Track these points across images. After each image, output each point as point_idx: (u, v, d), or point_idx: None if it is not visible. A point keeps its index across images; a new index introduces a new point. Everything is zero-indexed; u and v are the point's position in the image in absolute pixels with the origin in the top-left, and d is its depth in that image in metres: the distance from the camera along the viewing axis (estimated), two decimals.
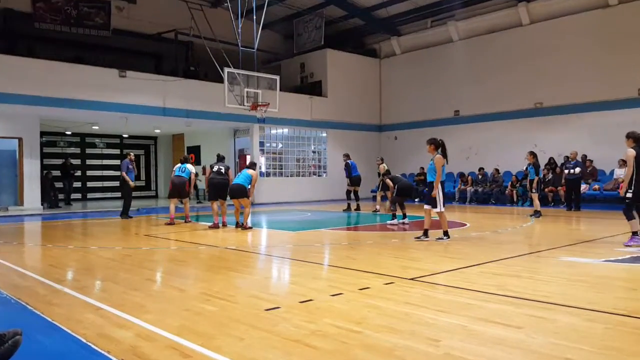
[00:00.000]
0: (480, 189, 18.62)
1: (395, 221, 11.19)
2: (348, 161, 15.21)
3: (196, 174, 12.35)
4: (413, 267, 6.17)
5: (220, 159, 11.52)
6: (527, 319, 3.92)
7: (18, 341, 2.93)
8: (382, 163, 13.87)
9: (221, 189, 10.97)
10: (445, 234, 8.43)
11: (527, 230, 10.28)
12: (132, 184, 13.15)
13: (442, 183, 8.45)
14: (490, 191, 18.31)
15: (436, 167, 8.32)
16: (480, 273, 5.75)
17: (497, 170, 18.64)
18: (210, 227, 10.91)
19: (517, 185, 17.44)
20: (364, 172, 15.89)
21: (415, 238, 8.50)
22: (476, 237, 9.05)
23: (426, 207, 8.56)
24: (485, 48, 19.86)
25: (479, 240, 8.67)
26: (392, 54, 23.42)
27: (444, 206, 8.43)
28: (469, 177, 19.30)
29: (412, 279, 5.37)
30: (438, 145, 8.42)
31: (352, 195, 15.35)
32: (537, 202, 12.64)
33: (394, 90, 23.40)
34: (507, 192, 17.71)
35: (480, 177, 18.95)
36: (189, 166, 12.04)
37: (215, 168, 11.13)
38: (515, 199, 17.39)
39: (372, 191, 19.99)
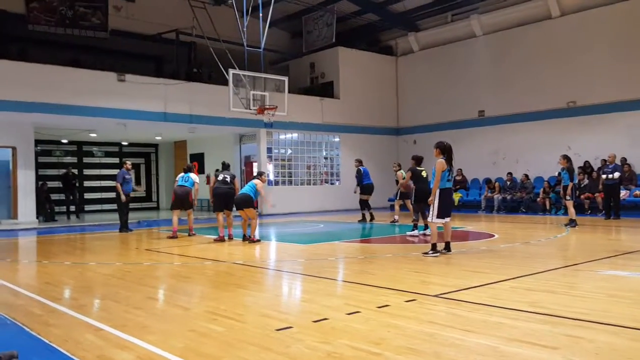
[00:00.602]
0: (508, 196, 18.48)
1: (416, 232, 11.13)
2: (360, 167, 15.19)
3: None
4: (436, 283, 6.13)
5: (226, 167, 11.57)
6: (563, 339, 3.87)
7: None
8: (400, 169, 13.81)
9: (227, 199, 11.04)
10: (434, 248, 8.12)
11: (561, 242, 10.17)
12: (123, 197, 13.19)
13: (446, 190, 8.26)
14: (520, 199, 18.16)
15: (436, 172, 8.18)
16: (511, 289, 5.70)
17: (526, 175, 18.49)
18: (215, 241, 10.96)
19: (550, 191, 17.28)
20: (380, 180, 15.87)
21: (430, 252, 8.31)
22: (506, 249, 8.97)
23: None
24: (511, 43, 19.79)
25: (509, 253, 8.60)
26: (410, 51, 23.43)
27: (447, 217, 8.23)
28: (496, 184, 19.18)
29: (435, 296, 5.34)
30: (444, 150, 8.29)
31: (366, 205, 15.25)
32: (572, 210, 12.50)
33: (412, 90, 23.39)
34: (538, 199, 17.55)
35: (508, 183, 18.81)
36: (193, 175, 12.13)
37: (221, 177, 11.18)
38: (547, 207, 17.22)
39: (390, 200, 19.94)
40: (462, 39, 21.31)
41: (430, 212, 8.22)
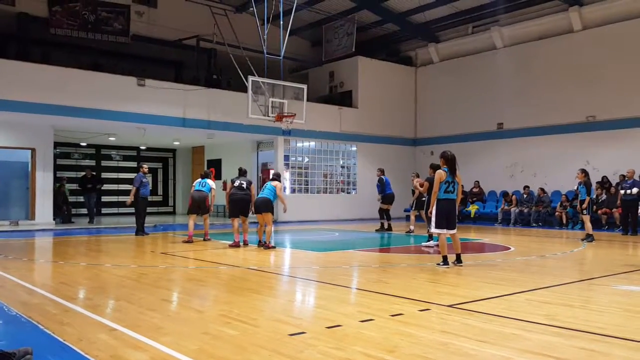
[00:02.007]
0: (525, 210, 18.32)
1: (431, 242, 11.08)
2: (382, 177, 15.20)
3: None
4: (451, 293, 6.11)
5: (242, 173, 11.62)
6: (578, 353, 3.84)
7: None
8: (417, 178, 13.80)
9: (243, 205, 11.10)
10: (444, 260, 8.10)
11: (578, 256, 10.05)
12: (129, 201, 13.36)
13: (445, 201, 8.15)
14: (536, 212, 17.98)
15: (434, 182, 8.20)
16: (526, 301, 5.66)
17: (542, 189, 18.32)
18: (230, 246, 11.02)
19: (567, 206, 17.11)
20: (396, 190, 15.81)
21: (441, 264, 8.29)
22: (521, 262, 8.91)
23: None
24: (532, 56, 19.70)
25: (525, 266, 8.53)
26: (429, 62, 23.44)
27: (449, 228, 8.16)
28: (513, 197, 19.03)
29: (449, 306, 5.32)
30: (447, 160, 8.25)
31: (386, 214, 15.24)
32: (588, 224, 12.36)
33: (431, 101, 23.37)
34: (556, 213, 17.38)
35: (525, 196, 18.66)
36: (210, 181, 12.25)
37: (237, 183, 11.22)
38: (564, 221, 17.05)
39: (406, 210, 19.88)
40: (482, 50, 21.27)
41: (432, 221, 8.28)
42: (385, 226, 15.09)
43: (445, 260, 8.09)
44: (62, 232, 15.39)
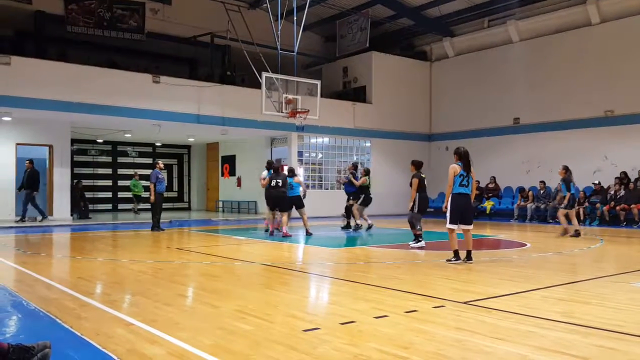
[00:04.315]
0: (542, 206, 18.14)
1: (422, 243, 10.24)
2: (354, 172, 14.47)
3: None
4: (466, 290, 6.08)
5: (276, 170, 12.63)
6: (595, 350, 3.81)
7: (47, 354, 3.08)
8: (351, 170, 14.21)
9: (278, 201, 12.34)
10: (455, 255, 8.07)
11: (595, 252, 9.95)
12: (152, 198, 13.51)
13: (460, 196, 8.06)
14: (554, 209, 17.78)
15: (448, 177, 8.12)
16: (542, 298, 5.62)
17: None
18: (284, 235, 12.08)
19: (585, 202, 16.91)
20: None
21: (447, 260, 8.21)
22: (538, 259, 8.84)
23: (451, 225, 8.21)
24: (549, 50, 19.47)
25: (541, 262, 8.47)
26: (444, 57, 23.27)
27: (464, 223, 8.10)
28: (530, 192, 18.86)
29: (465, 303, 5.30)
30: (460, 156, 8.18)
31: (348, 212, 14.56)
32: (562, 218, 12.63)
33: (446, 96, 23.22)
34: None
35: (542, 192, 18.47)
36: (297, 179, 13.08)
37: (273, 183, 12.22)
38: (582, 218, 16.86)
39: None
40: (498, 44, 21.07)
41: (447, 218, 8.18)
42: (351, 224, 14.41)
43: (456, 255, 8.05)
44: (79, 227, 15.60)
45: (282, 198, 12.23)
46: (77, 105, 15.83)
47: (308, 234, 12.62)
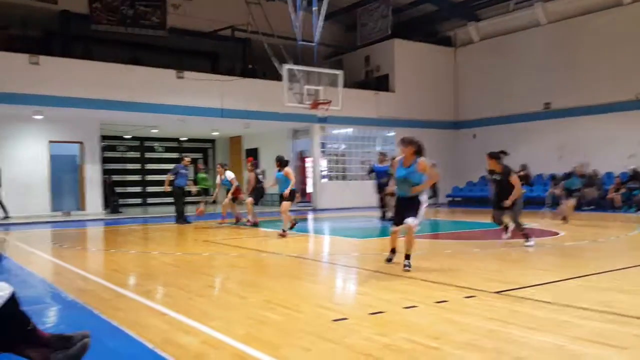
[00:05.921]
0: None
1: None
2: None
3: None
4: (498, 280, 6.01)
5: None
6: (634, 340, 3.73)
7: (87, 343, 3.17)
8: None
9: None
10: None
11: (633, 240, 9.73)
12: (166, 189, 13.94)
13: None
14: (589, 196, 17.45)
15: (431, 172, 7.11)
16: (578, 287, 5.53)
17: (594, 171, 17.74)
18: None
19: (622, 188, 16.54)
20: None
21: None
22: (572, 247, 8.69)
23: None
24: (578, 32, 19.02)
25: (576, 251, 8.32)
26: (469, 42, 22.93)
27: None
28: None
29: (497, 293, 5.24)
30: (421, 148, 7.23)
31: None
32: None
33: (472, 82, 22.89)
34: (607, 196, 16.84)
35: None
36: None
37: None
38: (619, 204, 16.53)
39: (448, 196, 19.64)
40: (525, 28, 20.66)
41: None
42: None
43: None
44: (111, 221, 16.01)
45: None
46: (104, 102, 16.15)
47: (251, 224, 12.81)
